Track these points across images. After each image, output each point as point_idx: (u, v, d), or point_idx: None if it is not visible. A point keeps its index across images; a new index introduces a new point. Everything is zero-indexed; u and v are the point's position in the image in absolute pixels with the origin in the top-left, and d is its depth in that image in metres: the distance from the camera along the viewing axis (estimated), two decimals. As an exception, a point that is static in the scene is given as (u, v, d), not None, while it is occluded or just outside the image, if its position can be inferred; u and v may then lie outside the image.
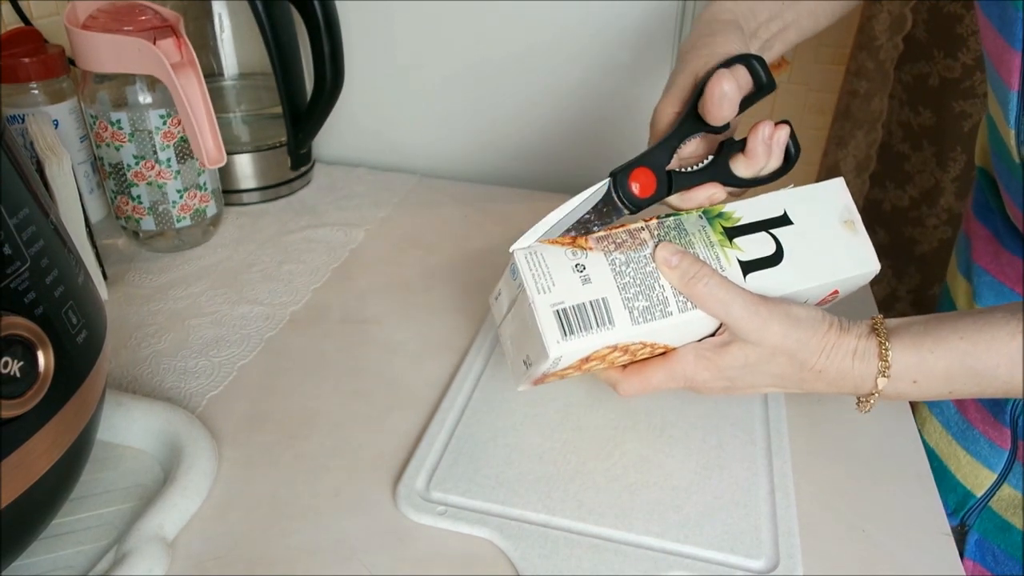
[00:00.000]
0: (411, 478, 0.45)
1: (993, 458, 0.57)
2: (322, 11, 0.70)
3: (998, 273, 0.56)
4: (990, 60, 0.51)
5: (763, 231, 0.46)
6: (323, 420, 0.51)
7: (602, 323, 0.41)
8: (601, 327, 0.41)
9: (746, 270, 0.44)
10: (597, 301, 0.41)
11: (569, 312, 0.41)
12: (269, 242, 0.72)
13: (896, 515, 0.45)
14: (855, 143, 1.61)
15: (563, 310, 0.41)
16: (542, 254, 0.42)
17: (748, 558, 0.41)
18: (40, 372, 0.34)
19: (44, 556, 0.41)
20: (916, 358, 0.41)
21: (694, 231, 0.44)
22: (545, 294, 0.41)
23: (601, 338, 0.41)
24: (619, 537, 0.42)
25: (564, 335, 0.41)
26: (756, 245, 0.45)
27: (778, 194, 0.47)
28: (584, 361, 0.43)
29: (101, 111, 0.63)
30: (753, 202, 0.46)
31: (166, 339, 0.58)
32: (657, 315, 0.42)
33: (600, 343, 0.42)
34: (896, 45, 1.49)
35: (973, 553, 0.59)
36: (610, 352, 0.43)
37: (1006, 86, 0.49)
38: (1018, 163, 0.51)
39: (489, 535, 0.42)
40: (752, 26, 0.52)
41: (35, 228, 0.36)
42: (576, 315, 0.41)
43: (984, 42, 0.51)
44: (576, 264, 0.42)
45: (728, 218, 0.45)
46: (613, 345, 0.42)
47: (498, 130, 0.85)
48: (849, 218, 0.46)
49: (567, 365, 0.43)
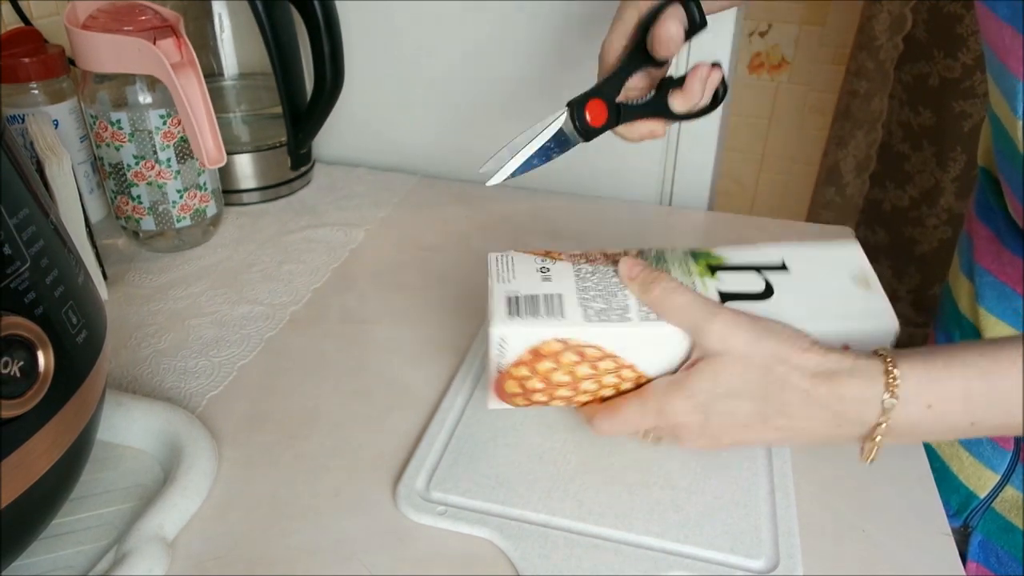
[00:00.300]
0: (411, 478, 0.45)
1: (996, 459, 0.57)
2: (322, 11, 0.70)
3: (1000, 273, 0.56)
4: (994, 52, 0.50)
5: (753, 271, 0.44)
6: (323, 420, 0.51)
7: (551, 313, 0.42)
8: (550, 316, 0.42)
9: (726, 299, 0.42)
10: (550, 295, 0.43)
11: (520, 300, 0.43)
12: (269, 242, 0.72)
13: (896, 515, 0.45)
14: (855, 143, 1.61)
15: (515, 297, 0.43)
16: (512, 258, 0.45)
17: (748, 558, 0.41)
18: (40, 372, 0.34)
19: (44, 556, 0.41)
20: (927, 376, 0.36)
21: (674, 260, 0.44)
22: (503, 284, 0.44)
23: (551, 328, 0.42)
24: (619, 537, 0.42)
25: (509, 315, 0.42)
26: (742, 281, 0.43)
27: (780, 245, 0.45)
28: (535, 358, 0.43)
29: (101, 111, 0.63)
30: (748, 249, 0.45)
31: (166, 339, 0.58)
32: (614, 318, 0.42)
33: (548, 334, 0.42)
34: (896, 45, 1.49)
35: (977, 555, 0.59)
36: (563, 350, 0.42)
37: (1013, 75, 0.48)
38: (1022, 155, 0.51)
39: (489, 535, 0.42)
40: None
41: (35, 228, 0.36)
42: (527, 303, 0.43)
43: (986, 35, 0.51)
44: (541, 267, 0.45)
45: (715, 258, 0.45)
46: (564, 340, 0.42)
47: (498, 130, 0.84)
48: (863, 277, 0.44)
49: (517, 359, 0.43)
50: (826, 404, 0.37)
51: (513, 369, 0.43)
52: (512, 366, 0.43)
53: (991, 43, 0.50)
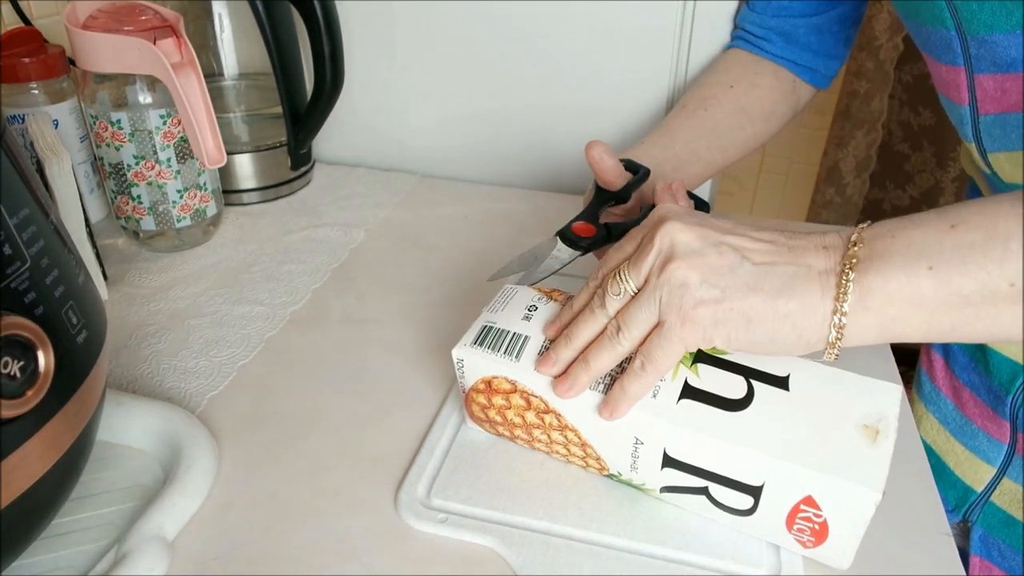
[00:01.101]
0: (412, 485, 0.45)
1: (992, 452, 0.57)
2: (322, 11, 0.70)
3: None
4: (940, 90, 0.54)
5: (742, 376, 0.40)
6: (323, 420, 0.51)
7: (509, 352, 0.43)
8: (507, 355, 0.43)
9: (686, 395, 0.40)
10: (518, 335, 0.44)
11: (491, 331, 0.45)
12: (269, 242, 0.72)
13: (896, 515, 0.44)
14: (855, 143, 1.62)
15: (488, 327, 0.45)
16: (516, 291, 0.47)
17: (750, 565, 0.41)
18: (40, 372, 0.34)
19: (44, 556, 0.41)
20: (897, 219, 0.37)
21: None
22: (489, 312, 0.46)
23: (502, 366, 0.43)
24: (621, 545, 0.42)
25: (473, 343, 0.44)
26: (721, 382, 0.40)
27: (802, 361, 0.41)
28: (489, 390, 0.44)
29: (101, 111, 0.63)
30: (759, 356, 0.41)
31: (166, 339, 0.58)
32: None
33: (500, 371, 0.43)
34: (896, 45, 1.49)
35: (979, 549, 0.59)
36: (512, 391, 0.43)
37: (957, 103, 0.50)
38: (990, 173, 0.52)
39: (491, 543, 0.42)
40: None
41: (35, 228, 0.36)
42: (494, 336, 0.44)
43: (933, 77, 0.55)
44: (530, 305, 0.46)
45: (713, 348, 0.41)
46: (513, 382, 0.43)
47: (498, 130, 0.85)
48: (875, 428, 0.38)
49: (473, 385, 0.45)
50: (788, 251, 0.38)
51: (473, 394, 0.45)
52: (472, 390, 0.45)
53: (936, 82, 0.54)
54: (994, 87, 0.47)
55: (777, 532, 0.40)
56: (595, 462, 0.44)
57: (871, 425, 0.38)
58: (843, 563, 0.39)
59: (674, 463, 0.41)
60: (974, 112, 0.50)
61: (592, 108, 0.80)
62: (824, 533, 0.38)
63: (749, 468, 0.38)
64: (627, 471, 0.43)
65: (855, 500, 0.36)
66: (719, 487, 0.40)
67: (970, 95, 0.49)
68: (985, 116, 0.49)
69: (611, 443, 0.42)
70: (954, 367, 0.61)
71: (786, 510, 0.38)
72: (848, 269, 0.35)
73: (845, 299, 0.35)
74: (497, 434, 0.47)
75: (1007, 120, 0.48)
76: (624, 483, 0.45)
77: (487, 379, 0.44)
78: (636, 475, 0.43)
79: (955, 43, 0.48)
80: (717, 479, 0.40)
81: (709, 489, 0.40)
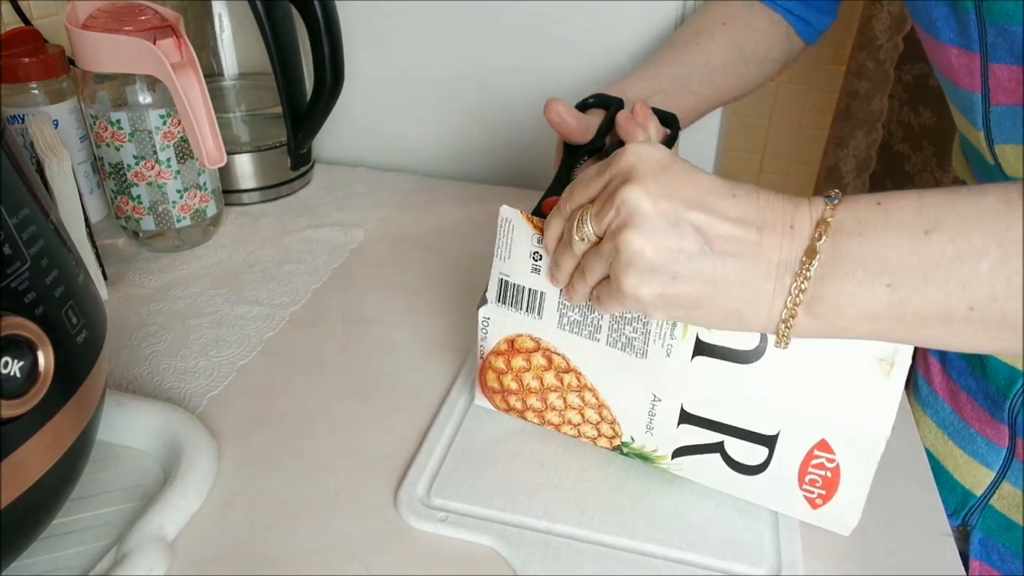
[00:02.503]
0: (412, 484, 0.45)
1: (991, 456, 0.57)
2: (322, 11, 0.70)
3: None
4: (945, 74, 0.52)
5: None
6: (323, 420, 0.51)
7: (531, 310, 0.44)
8: (529, 313, 0.44)
9: (699, 352, 0.40)
10: (534, 291, 0.44)
11: (509, 287, 0.44)
12: (269, 242, 0.72)
13: (896, 515, 0.44)
14: (855, 143, 1.62)
15: (505, 281, 0.44)
16: (513, 226, 0.44)
17: (751, 565, 0.41)
18: (40, 372, 0.34)
19: (44, 556, 0.41)
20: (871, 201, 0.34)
21: None
22: (500, 260, 0.45)
23: (527, 324, 0.44)
24: (621, 544, 0.42)
25: (498, 301, 0.45)
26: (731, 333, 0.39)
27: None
28: (511, 351, 0.44)
29: (101, 111, 0.63)
30: None
31: (166, 339, 0.58)
32: (584, 334, 0.43)
33: (525, 328, 0.44)
34: (896, 45, 1.49)
35: (978, 553, 0.59)
36: (535, 350, 0.44)
37: (968, 91, 0.49)
38: (993, 164, 0.52)
39: (491, 542, 0.42)
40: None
41: (35, 228, 0.36)
42: (513, 293, 0.44)
43: (932, 60, 0.52)
44: (534, 253, 0.43)
45: None
46: (537, 340, 0.44)
47: (498, 130, 0.85)
48: (888, 358, 0.37)
49: (495, 346, 0.45)
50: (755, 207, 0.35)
51: (492, 358, 0.45)
52: (492, 353, 0.45)
53: (939, 66, 0.52)
54: (1009, 78, 0.46)
55: (788, 491, 0.40)
56: (608, 428, 0.44)
57: (885, 359, 0.37)
58: (851, 520, 0.39)
59: (691, 418, 0.41)
60: (986, 101, 0.49)
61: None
62: (835, 482, 0.38)
63: (764, 417, 0.39)
64: (640, 435, 0.43)
65: (868, 439, 0.37)
66: (734, 440, 0.40)
67: (983, 83, 0.48)
68: (997, 106, 0.48)
69: (628, 402, 0.43)
70: (951, 372, 0.61)
71: (799, 458, 0.39)
72: (805, 269, 0.33)
73: (795, 308, 0.34)
74: (507, 408, 0.47)
75: (1019, 113, 0.47)
76: (634, 454, 0.45)
77: (510, 338, 0.44)
78: (650, 439, 0.43)
79: (972, 28, 0.46)
80: (732, 431, 0.40)
81: (724, 444, 0.41)
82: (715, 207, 0.35)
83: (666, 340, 0.40)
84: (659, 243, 0.35)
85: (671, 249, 0.35)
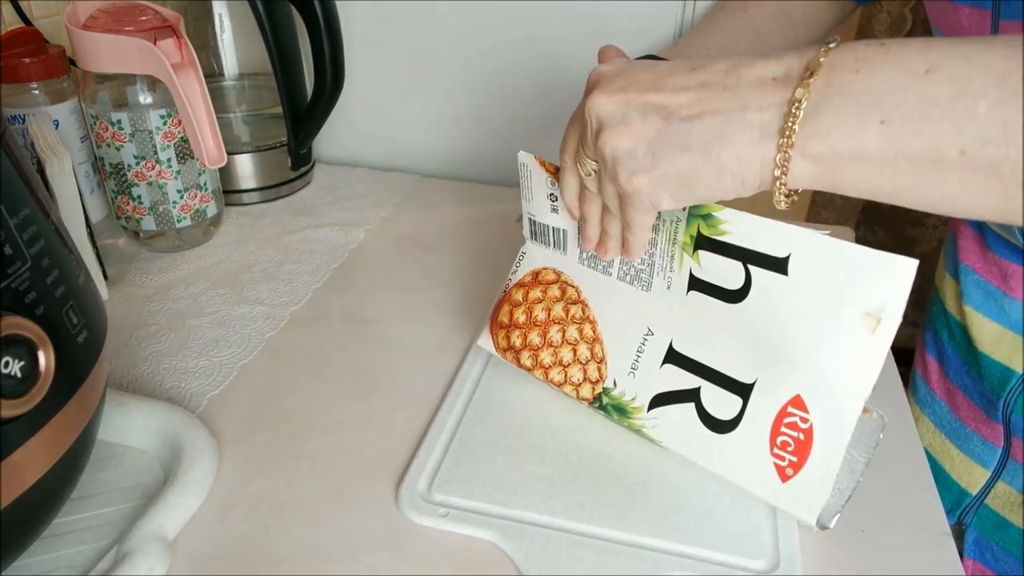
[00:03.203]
0: (413, 480, 0.45)
1: (986, 455, 0.57)
2: (322, 11, 0.70)
3: (984, 272, 0.56)
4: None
5: (740, 261, 0.39)
6: (323, 420, 0.51)
7: (557, 246, 0.48)
8: (556, 249, 0.49)
9: (692, 286, 0.42)
10: (557, 229, 0.48)
11: (536, 224, 0.49)
12: (269, 242, 0.72)
13: (896, 515, 0.45)
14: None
15: (533, 220, 0.49)
16: (532, 172, 0.47)
17: (749, 558, 0.41)
18: (40, 372, 0.34)
19: (44, 556, 0.41)
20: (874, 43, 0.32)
21: (667, 219, 0.42)
22: (526, 201, 0.49)
23: (553, 258, 0.49)
24: (621, 538, 0.42)
25: (531, 237, 0.50)
26: (720, 270, 0.40)
27: (805, 232, 0.37)
28: (533, 282, 0.49)
29: (101, 111, 0.63)
30: (760, 224, 0.38)
31: (166, 339, 0.58)
32: (599, 268, 0.47)
33: (551, 262, 0.49)
34: (896, 45, 1.48)
35: (972, 552, 0.59)
36: (554, 282, 0.48)
37: None
38: None
39: (492, 537, 0.42)
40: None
41: (36, 228, 0.36)
42: (541, 231, 0.49)
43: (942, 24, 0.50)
44: (551, 194, 0.47)
45: (712, 226, 0.40)
46: (558, 273, 0.49)
47: (498, 130, 0.85)
48: (877, 314, 0.35)
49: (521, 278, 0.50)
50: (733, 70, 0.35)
51: (514, 290, 0.50)
52: (516, 286, 0.50)
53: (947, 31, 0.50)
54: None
55: (758, 458, 0.39)
56: (595, 369, 0.46)
57: (873, 313, 0.35)
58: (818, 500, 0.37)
59: (675, 357, 0.43)
60: None
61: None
62: (807, 448, 0.37)
63: (744, 365, 0.39)
64: (623, 378, 0.45)
65: (845, 398, 0.35)
66: (711, 387, 0.41)
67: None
68: None
69: (621, 337, 0.45)
70: (948, 370, 0.61)
71: (773, 415, 0.38)
72: (795, 109, 0.32)
73: (788, 152, 0.33)
74: (507, 346, 0.49)
75: None
76: (612, 406, 0.46)
77: (536, 270, 0.49)
78: (631, 383, 0.45)
79: None
80: (711, 375, 0.41)
81: (700, 391, 0.42)
82: (673, 84, 0.36)
83: (667, 272, 0.43)
84: (628, 133, 0.36)
85: (642, 133, 0.36)
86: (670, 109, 0.35)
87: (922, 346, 0.66)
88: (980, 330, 0.56)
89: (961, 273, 0.58)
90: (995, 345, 0.55)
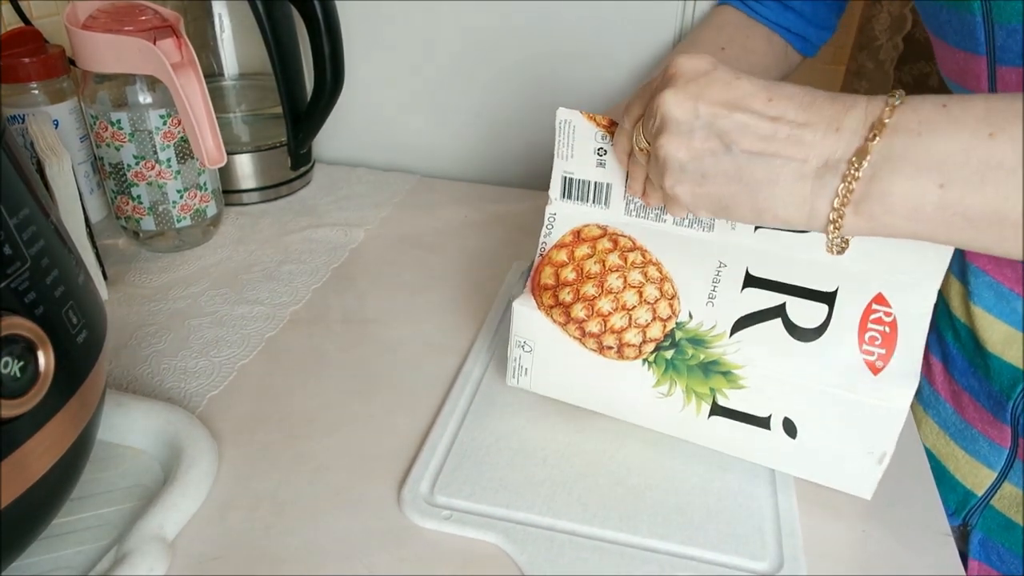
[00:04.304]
0: (415, 482, 0.45)
1: (993, 456, 0.57)
2: (322, 11, 0.70)
3: (996, 273, 0.56)
4: (952, 80, 0.52)
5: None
6: (323, 420, 0.51)
7: (599, 202, 0.47)
8: (597, 204, 0.47)
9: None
10: (600, 184, 0.47)
11: (573, 183, 0.47)
12: (269, 242, 0.72)
13: (896, 515, 0.44)
14: (855, 143, 1.61)
15: (569, 179, 0.47)
16: (574, 127, 0.46)
17: (752, 560, 0.41)
18: (40, 372, 0.34)
19: (44, 556, 0.41)
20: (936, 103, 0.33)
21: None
22: (562, 160, 0.47)
23: (595, 214, 0.47)
24: (624, 540, 0.42)
25: (562, 197, 0.48)
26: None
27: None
28: (576, 241, 0.47)
29: (101, 111, 0.63)
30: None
31: (166, 339, 0.58)
32: (651, 217, 0.46)
33: (593, 218, 0.47)
34: (896, 45, 1.49)
35: (978, 553, 0.59)
36: (601, 236, 0.47)
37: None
38: None
39: (495, 539, 0.42)
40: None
41: (35, 228, 0.36)
42: (578, 187, 0.47)
43: (942, 65, 0.52)
44: (598, 149, 0.46)
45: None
46: (603, 227, 0.47)
47: (498, 130, 0.85)
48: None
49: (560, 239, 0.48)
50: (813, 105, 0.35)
51: (554, 252, 0.48)
52: (554, 248, 0.48)
53: (947, 72, 0.52)
54: (1018, 82, 0.46)
55: (849, 355, 0.41)
56: (666, 307, 0.45)
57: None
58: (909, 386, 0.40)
59: (755, 281, 0.43)
60: None
61: (592, 107, 0.80)
62: (893, 338, 0.41)
63: (823, 276, 0.42)
64: (700, 309, 0.45)
65: (920, 292, 0.40)
66: (796, 301, 0.43)
67: (990, 87, 0.48)
68: None
69: (693, 272, 0.45)
70: (953, 372, 0.61)
71: (858, 314, 0.41)
72: (854, 169, 0.33)
73: (843, 208, 0.34)
74: (554, 303, 0.47)
75: None
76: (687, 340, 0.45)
77: (576, 229, 0.48)
78: (710, 312, 0.44)
79: (979, 31, 0.46)
80: (794, 291, 0.42)
81: (786, 306, 0.43)
82: (747, 109, 0.36)
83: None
84: (686, 147, 0.37)
85: (697, 150, 0.37)
86: (734, 138, 0.36)
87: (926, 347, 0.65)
88: (990, 331, 0.56)
89: (970, 274, 0.58)
90: (1006, 346, 0.55)
